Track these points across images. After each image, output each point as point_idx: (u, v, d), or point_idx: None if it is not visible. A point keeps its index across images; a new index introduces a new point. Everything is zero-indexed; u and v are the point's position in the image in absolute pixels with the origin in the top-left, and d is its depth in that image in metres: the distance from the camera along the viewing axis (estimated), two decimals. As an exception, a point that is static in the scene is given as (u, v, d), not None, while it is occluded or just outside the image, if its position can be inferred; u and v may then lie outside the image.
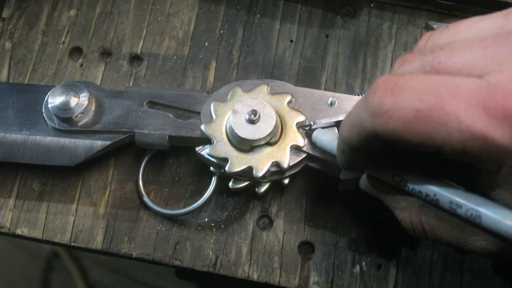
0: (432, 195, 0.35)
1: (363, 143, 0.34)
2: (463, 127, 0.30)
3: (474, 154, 0.31)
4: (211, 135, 0.43)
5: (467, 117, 0.30)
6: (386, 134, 0.32)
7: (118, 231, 0.45)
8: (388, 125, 0.32)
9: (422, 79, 0.33)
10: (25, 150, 0.45)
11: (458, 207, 0.34)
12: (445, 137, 0.31)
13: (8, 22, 0.52)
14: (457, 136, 0.31)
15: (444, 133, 0.31)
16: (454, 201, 0.34)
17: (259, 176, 0.42)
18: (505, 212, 0.33)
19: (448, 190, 0.35)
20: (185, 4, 0.52)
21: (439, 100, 0.31)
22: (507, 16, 0.35)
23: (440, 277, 0.43)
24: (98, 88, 0.46)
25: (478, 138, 0.30)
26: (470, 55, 0.33)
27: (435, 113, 0.31)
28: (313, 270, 0.43)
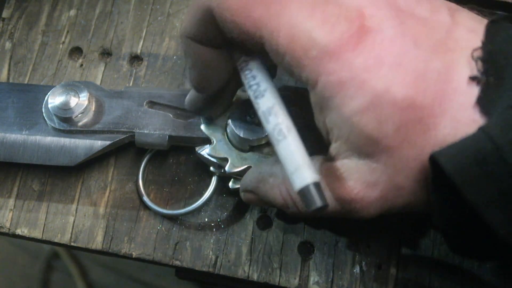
0: (262, 90, 0.34)
1: (198, 27, 0.33)
2: (293, 23, 0.31)
3: (296, 55, 0.31)
4: (211, 135, 0.43)
5: (299, 15, 0.31)
6: (221, 12, 0.31)
7: (118, 231, 0.45)
8: (224, 3, 0.31)
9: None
10: (25, 150, 0.45)
11: (269, 118, 0.33)
12: (275, 28, 0.31)
13: (8, 22, 0.52)
14: (286, 31, 0.31)
15: (275, 24, 0.31)
16: (269, 111, 0.33)
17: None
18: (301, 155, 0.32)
19: (276, 97, 0.34)
20: (185, 4, 0.52)
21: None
22: None
23: (440, 277, 0.43)
24: (98, 88, 0.46)
25: (303, 35, 0.30)
26: None
27: (273, 3, 0.31)
28: (313, 270, 0.44)
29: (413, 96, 0.30)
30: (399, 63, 0.30)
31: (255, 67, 0.35)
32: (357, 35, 0.30)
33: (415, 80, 0.30)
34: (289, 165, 0.32)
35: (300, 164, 0.32)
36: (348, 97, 0.30)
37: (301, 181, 0.31)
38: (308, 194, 0.31)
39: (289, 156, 0.32)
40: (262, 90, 0.34)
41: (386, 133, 0.30)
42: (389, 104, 0.30)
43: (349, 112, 0.31)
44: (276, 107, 0.33)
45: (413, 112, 0.30)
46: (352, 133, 0.31)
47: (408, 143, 0.31)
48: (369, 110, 0.30)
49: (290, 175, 0.32)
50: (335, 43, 0.30)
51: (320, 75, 0.31)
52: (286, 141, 0.32)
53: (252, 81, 0.35)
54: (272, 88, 0.34)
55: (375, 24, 0.31)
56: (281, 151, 0.32)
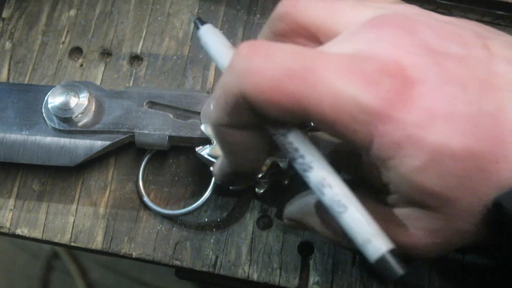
0: (308, 162, 0.32)
1: (232, 114, 0.31)
2: (334, 90, 0.29)
3: (345, 122, 0.29)
4: (211, 135, 0.43)
5: (337, 81, 0.29)
6: (255, 95, 0.29)
7: (118, 231, 0.45)
8: (257, 85, 0.29)
9: (289, 44, 0.31)
10: (25, 150, 0.45)
11: (324, 191, 0.31)
12: (317, 101, 0.29)
13: (8, 22, 0.52)
14: (328, 100, 0.29)
15: (316, 96, 0.29)
16: (322, 183, 0.31)
17: (259, 177, 0.42)
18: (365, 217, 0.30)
19: (325, 166, 0.32)
20: (185, 4, 0.52)
21: (310, 61, 0.29)
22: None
23: (440, 277, 0.43)
24: (98, 88, 0.46)
25: (348, 101, 0.29)
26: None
27: (307, 74, 0.29)
28: (313, 270, 0.43)
29: (472, 145, 0.29)
30: (452, 113, 0.29)
31: (294, 138, 0.32)
32: (403, 90, 0.29)
33: (470, 128, 0.29)
34: (358, 236, 0.30)
35: (371, 234, 0.30)
36: (405, 156, 0.29)
37: (375, 251, 0.30)
38: (386, 264, 0.30)
39: (356, 228, 0.30)
40: (308, 162, 0.32)
41: (448, 187, 0.29)
42: (448, 158, 0.29)
43: (408, 171, 0.30)
44: (329, 178, 0.31)
45: (473, 161, 0.29)
46: (412, 190, 0.30)
47: (471, 192, 0.30)
48: (428, 167, 0.29)
49: (361, 247, 0.30)
50: (383, 104, 0.29)
51: (373, 138, 0.29)
52: (348, 212, 0.31)
53: (296, 154, 0.32)
54: (318, 157, 0.32)
55: (417, 74, 0.29)
56: (345, 223, 0.31)
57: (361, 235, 0.30)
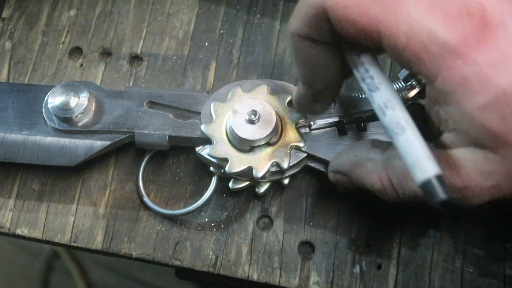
0: (377, 83, 0.34)
1: (310, 25, 0.33)
2: (412, 19, 0.30)
3: (415, 51, 0.31)
4: (211, 135, 0.43)
5: (417, 11, 0.30)
6: (335, 10, 0.31)
7: (118, 231, 0.45)
8: (339, 1, 0.31)
9: None
10: (25, 150, 0.45)
11: (386, 111, 0.33)
12: (393, 25, 0.31)
13: (8, 22, 0.52)
14: (404, 27, 0.30)
15: (393, 21, 0.31)
16: (385, 104, 0.33)
17: (259, 176, 0.42)
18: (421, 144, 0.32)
19: (391, 90, 0.34)
20: (185, 4, 0.52)
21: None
22: None
23: (440, 277, 0.43)
24: (98, 88, 0.46)
25: (423, 31, 0.30)
26: None
27: (390, 0, 0.31)
28: (313, 270, 0.43)
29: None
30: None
31: (367, 60, 0.35)
32: (479, 31, 0.30)
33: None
34: (410, 158, 0.32)
35: (422, 157, 0.31)
36: (471, 93, 0.30)
37: (423, 174, 0.31)
38: (431, 188, 0.31)
39: (410, 149, 0.32)
40: (376, 83, 0.34)
41: (509, 127, 0.30)
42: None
43: (471, 107, 0.31)
44: (393, 100, 0.33)
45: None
46: (472, 127, 0.31)
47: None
48: (493, 106, 0.30)
49: (411, 168, 0.32)
50: (457, 39, 0.30)
51: (441, 70, 0.31)
52: (405, 134, 0.32)
53: (366, 74, 0.34)
54: (386, 81, 0.34)
55: (497, 18, 0.30)
56: (401, 144, 0.32)
57: (412, 157, 0.32)
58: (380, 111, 0.33)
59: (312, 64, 0.36)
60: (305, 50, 0.35)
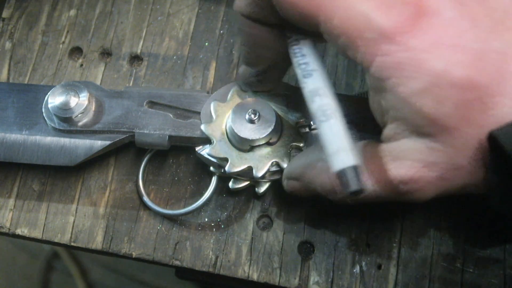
0: (310, 69, 0.34)
1: (253, 5, 0.34)
2: (348, 5, 0.31)
3: (351, 36, 0.31)
4: (211, 135, 0.43)
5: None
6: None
7: (118, 231, 0.45)
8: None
9: None
10: (25, 150, 0.45)
11: (315, 98, 0.33)
12: (330, 9, 0.31)
13: (8, 22, 0.52)
14: (340, 12, 0.31)
15: (331, 5, 0.31)
16: (316, 91, 0.33)
17: (259, 176, 0.42)
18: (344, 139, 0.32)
19: (323, 78, 0.34)
20: (185, 4, 0.52)
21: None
22: None
23: (440, 277, 0.43)
24: (98, 88, 0.46)
25: (359, 17, 0.30)
26: None
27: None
28: (313, 270, 0.43)
29: (472, 76, 0.30)
30: (457, 44, 0.30)
31: (305, 46, 0.35)
32: (414, 17, 0.30)
33: (474, 60, 0.30)
34: (330, 146, 0.32)
35: (341, 146, 0.31)
36: (406, 77, 0.30)
37: (340, 163, 0.31)
38: (345, 177, 0.31)
39: (331, 138, 0.32)
40: (310, 70, 0.34)
41: (445, 113, 0.30)
42: (448, 84, 0.30)
43: (407, 92, 0.31)
44: (323, 88, 0.34)
45: (472, 92, 0.30)
46: (410, 113, 0.31)
47: (468, 123, 0.30)
48: (428, 90, 0.30)
49: (329, 156, 0.32)
50: (392, 25, 0.30)
51: (376, 56, 0.31)
52: (329, 122, 0.32)
53: (302, 60, 0.35)
54: (321, 69, 0.34)
55: (432, 5, 0.31)
56: (324, 132, 0.32)
57: (332, 146, 0.32)
58: (309, 97, 0.34)
59: (254, 44, 0.37)
60: (248, 29, 0.36)
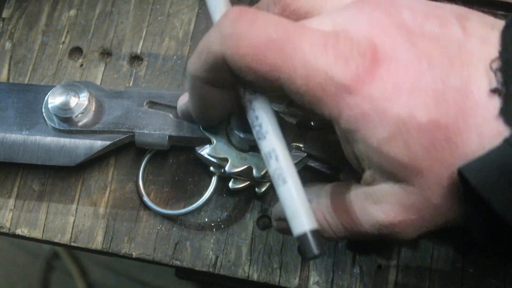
0: (264, 131, 0.34)
1: (210, 71, 0.33)
2: (307, 62, 0.31)
3: (315, 94, 0.31)
4: (211, 135, 0.43)
5: (312, 54, 0.31)
6: (235, 60, 0.32)
7: (118, 231, 0.45)
8: (238, 49, 0.31)
9: (275, 16, 0.33)
10: (25, 150, 0.45)
11: (270, 162, 0.33)
12: (291, 71, 0.31)
13: (8, 22, 0.52)
14: (301, 71, 0.31)
15: (291, 66, 0.31)
16: (270, 154, 0.33)
17: (259, 176, 0.42)
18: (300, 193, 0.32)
19: (277, 139, 0.34)
20: (185, 4, 0.52)
21: (290, 34, 0.31)
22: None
23: (440, 277, 0.43)
24: (98, 88, 0.46)
25: (319, 74, 0.31)
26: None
27: (285, 45, 0.31)
28: (313, 270, 0.43)
29: (437, 117, 0.30)
30: (417, 87, 0.31)
31: (258, 106, 0.35)
32: (371, 67, 0.31)
33: (435, 100, 0.30)
34: (288, 210, 0.32)
35: (299, 211, 0.32)
36: (373, 127, 0.31)
37: (298, 228, 0.32)
38: (305, 242, 0.32)
39: (289, 202, 0.32)
40: (264, 132, 0.34)
41: (415, 157, 0.31)
42: (414, 128, 0.30)
43: (376, 142, 0.31)
44: (278, 151, 0.33)
45: (439, 132, 0.30)
46: (382, 161, 0.32)
47: (439, 163, 0.31)
48: (395, 137, 0.31)
49: (289, 221, 0.32)
50: (351, 78, 0.30)
51: (342, 110, 0.31)
52: (285, 186, 0.33)
53: (255, 121, 0.35)
54: (274, 129, 0.34)
55: (387, 52, 0.31)
56: (281, 196, 0.33)
57: (290, 210, 0.32)
58: (265, 160, 0.34)
59: (206, 106, 0.37)
60: (202, 92, 0.36)
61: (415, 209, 0.32)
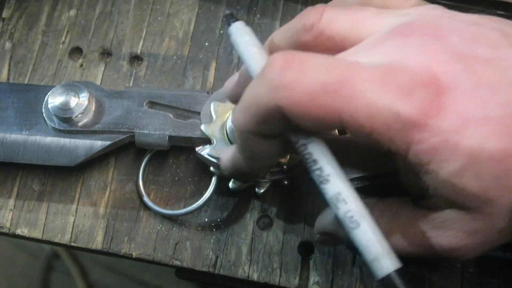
0: (326, 175, 0.32)
1: (262, 124, 0.32)
2: (369, 102, 0.30)
3: (381, 132, 0.30)
4: (211, 135, 0.43)
5: (372, 92, 0.30)
6: (290, 109, 0.30)
7: (118, 231, 0.45)
8: (292, 98, 0.30)
9: (322, 56, 0.32)
10: (25, 150, 0.45)
11: (338, 205, 0.32)
12: (353, 112, 0.30)
13: (8, 22, 0.52)
14: (364, 111, 0.30)
15: (352, 108, 0.30)
16: (337, 197, 0.32)
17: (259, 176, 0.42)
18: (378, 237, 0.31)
19: (342, 181, 0.32)
20: (185, 4, 0.52)
21: (344, 75, 0.30)
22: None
23: (440, 277, 0.43)
24: (98, 88, 0.46)
25: (383, 112, 0.30)
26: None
27: (343, 87, 0.30)
28: (313, 270, 0.43)
29: (506, 145, 0.30)
30: (485, 116, 0.30)
31: (315, 150, 0.33)
32: (437, 98, 0.30)
33: (503, 128, 0.30)
34: (367, 254, 0.31)
35: (379, 253, 0.31)
36: (444, 161, 0.30)
37: (382, 270, 0.31)
38: (391, 283, 0.31)
39: (366, 245, 0.31)
40: (325, 176, 0.32)
41: (487, 187, 0.30)
42: (485, 159, 0.30)
43: (446, 175, 0.30)
44: (345, 193, 0.32)
45: (508, 161, 0.30)
46: (451, 192, 0.31)
47: (507, 191, 0.30)
48: (467, 169, 0.30)
49: (370, 264, 0.31)
50: (417, 112, 0.30)
51: (410, 145, 0.30)
52: (360, 229, 0.31)
53: (314, 165, 0.33)
54: (336, 171, 0.33)
55: (449, 81, 0.30)
56: (356, 239, 0.32)
57: (370, 253, 0.31)
58: (332, 204, 0.32)
59: (258, 157, 0.36)
60: (253, 145, 0.35)
61: (480, 234, 0.32)
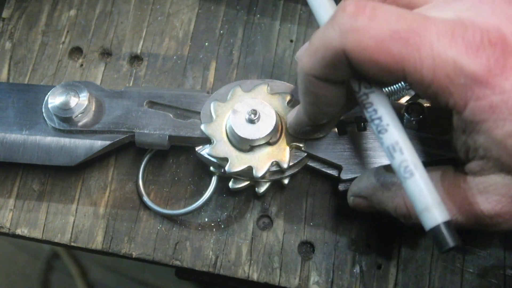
0: (385, 124, 0.33)
1: (328, 67, 0.33)
2: (436, 53, 0.30)
3: (442, 84, 0.31)
4: (211, 135, 0.43)
5: (440, 44, 0.30)
6: (357, 53, 0.31)
7: (118, 231, 0.45)
8: (360, 43, 0.31)
9: (393, 6, 0.32)
10: (25, 150, 0.45)
11: (394, 154, 0.33)
12: (417, 62, 0.30)
13: (8, 22, 0.52)
14: (428, 62, 0.30)
15: (417, 57, 0.30)
16: (393, 147, 0.33)
17: (259, 176, 0.42)
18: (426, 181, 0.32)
19: (399, 131, 0.33)
20: (185, 4, 0.52)
21: (414, 25, 0.31)
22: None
23: (440, 277, 0.43)
24: (98, 88, 0.46)
25: (448, 64, 0.30)
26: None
27: (411, 36, 0.30)
28: (313, 270, 0.43)
29: None
30: None
31: (376, 100, 0.34)
32: (503, 58, 0.30)
33: None
34: (418, 203, 0.32)
35: (430, 203, 0.31)
36: (501, 120, 0.30)
37: (431, 221, 0.31)
38: (439, 234, 0.31)
39: (418, 195, 0.32)
40: (385, 125, 0.33)
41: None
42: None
43: (502, 134, 0.31)
44: (401, 143, 0.33)
45: None
46: (504, 154, 0.31)
47: None
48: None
49: (419, 214, 0.32)
50: (483, 69, 0.30)
51: (469, 100, 0.31)
52: (413, 178, 0.32)
53: (374, 115, 0.34)
54: (395, 121, 0.33)
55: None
56: (409, 188, 0.32)
57: (421, 203, 0.32)
58: (388, 153, 0.33)
59: (322, 103, 0.36)
60: (317, 90, 0.35)
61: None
